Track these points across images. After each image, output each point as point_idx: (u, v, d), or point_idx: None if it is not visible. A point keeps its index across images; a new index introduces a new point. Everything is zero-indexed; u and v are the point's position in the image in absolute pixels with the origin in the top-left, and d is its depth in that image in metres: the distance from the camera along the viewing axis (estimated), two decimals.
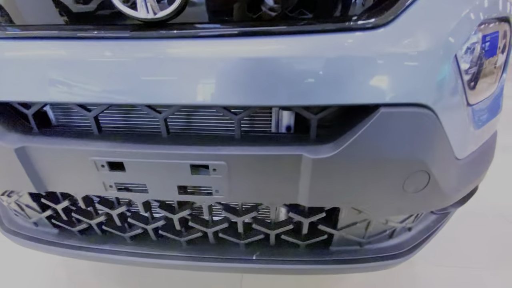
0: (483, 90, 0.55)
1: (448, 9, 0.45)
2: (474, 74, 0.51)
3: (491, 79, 0.57)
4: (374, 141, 0.44)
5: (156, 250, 0.65)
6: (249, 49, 0.42)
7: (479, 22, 0.47)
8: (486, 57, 0.52)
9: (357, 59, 0.42)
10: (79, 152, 0.50)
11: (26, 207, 0.67)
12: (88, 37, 0.47)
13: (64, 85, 0.47)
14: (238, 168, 0.48)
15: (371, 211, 0.51)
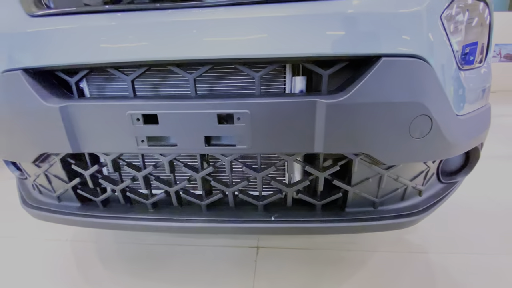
0: (469, 58, 0.64)
1: None
2: (459, 39, 0.60)
3: (474, 50, 0.66)
4: (379, 86, 0.51)
5: (177, 216, 0.68)
6: (276, 10, 0.51)
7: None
8: (464, 27, 0.61)
9: (361, 18, 0.51)
10: (117, 107, 0.56)
11: (54, 177, 0.71)
12: (132, 9, 0.56)
13: (111, 47, 0.55)
14: (260, 116, 0.54)
15: (381, 157, 0.56)
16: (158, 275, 0.90)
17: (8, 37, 0.62)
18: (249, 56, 0.52)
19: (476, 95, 0.67)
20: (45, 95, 0.59)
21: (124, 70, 0.61)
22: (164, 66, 0.59)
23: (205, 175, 0.64)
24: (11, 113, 0.62)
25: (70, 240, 1.12)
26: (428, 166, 0.66)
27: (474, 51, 0.66)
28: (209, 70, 0.58)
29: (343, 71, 0.56)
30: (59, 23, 0.59)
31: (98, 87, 0.68)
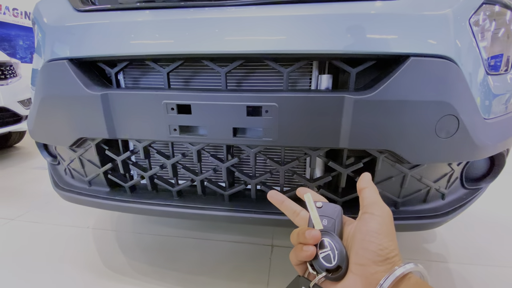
0: (496, 64, 0.64)
1: None
2: (485, 44, 0.61)
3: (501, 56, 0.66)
4: (407, 84, 0.52)
5: (200, 204, 0.70)
6: (309, 9, 0.54)
7: (481, 1, 0.58)
8: (491, 31, 0.61)
9: (392, 18, 0.52)
10: (154, 97, 0.60)
11: (87, 162, 0.75)
12: (171, 6, 0.61)
13: (150, 41, 0.59)
14: (287, 109, 0.56)
15: (406, 155, 0.56)
16: (176, 266, 0.93)
17: (57, 29, 0.67)
18: (282, 52, 0.55)
19: (502, 101, 0.66)
20: (87, 83, 0.64)
21: (161, 64, 0.65)
22: (198, 60, 0.63)
23: (230, 166, 0.67)
24: (55, 99, 0.67)
25: (92, 228, 1.17)
26: (453, 169, 0.66)
27: (500, 57, 0.66)
28: (238, 66, 0.61)
29: (368, 70, 0.58)
30: (104, 18, 0.64)
31: (132, 79, 0.72)
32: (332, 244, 0.36)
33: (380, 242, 0.33)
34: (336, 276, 0.34)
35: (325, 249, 0.36)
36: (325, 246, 0.36)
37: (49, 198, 1.47)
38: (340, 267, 0.34)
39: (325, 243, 0.36)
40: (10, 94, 2.07)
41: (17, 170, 1.96)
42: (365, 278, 0.32)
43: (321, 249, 0.36)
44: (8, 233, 1.14)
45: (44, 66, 0.67)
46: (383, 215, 0.35)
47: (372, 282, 0.32)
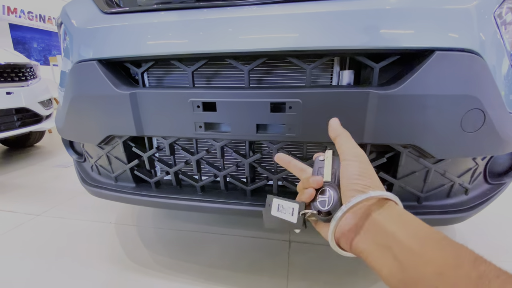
0: None
1: None
2: (510, 36, 0.60)
3: None
4: (432, 78, 0.52)
5: (223, 199, 0.72)
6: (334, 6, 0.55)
7: None
8: None
9: (417, 12, 0.53)
10: (181, 95, 0.62)
11: (115, 159, 0.79)
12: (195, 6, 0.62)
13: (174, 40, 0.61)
14: (311, 105, 0.57)
15: (431, 150, 0.56)
16: (197, 259, 0.96)
17: (85, 31, 0.70)
18: (306, 48, 0.56)
19: None
20: (116, 83, 0.67)
21: (185, 63, 0.67)
22: (222, 58, 0.64)
23: (252, 161, 0.68)
24: (85, 99, 0.70)
25: (114, 223, 1.21)
26: (477, 164, 0.65)
27: None
28: (260, 64, 0.62)
29: (389, 65, 0.58)
30: (130, 20, 0.66)
31: (156, 78, 0.75)
32: (331, 193, 0.40)
33: (361, 182, 0.36)
34: (325, 218, 0.39)
35: (324, 196, 0.40)
36: (325, 193, 0.40)
37: (71, 195, 1.52)
38: (330, 212, 0.39)
39: (326, 191, 0.41)
40: (30, 95, 2.15)
41: (38, 168, 2.04)
42: (352, 212, 0.36)
43: (321, 195, 0.41)
44: (35, 228, 1.20)
45: (74, 67, 0.70)
46: (359, 159, 0.39)
47: (356, 212, 0.36)
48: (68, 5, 0.80)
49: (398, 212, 0.33)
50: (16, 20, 6.25)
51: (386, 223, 0.32)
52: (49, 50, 7.10)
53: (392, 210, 0.34)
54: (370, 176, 0.37)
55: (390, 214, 0.33)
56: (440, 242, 0.28)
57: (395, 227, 0.31)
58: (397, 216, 0.33)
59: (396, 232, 0.30)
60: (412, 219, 0.32)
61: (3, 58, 2.06)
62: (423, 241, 0.28)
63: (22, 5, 6.36)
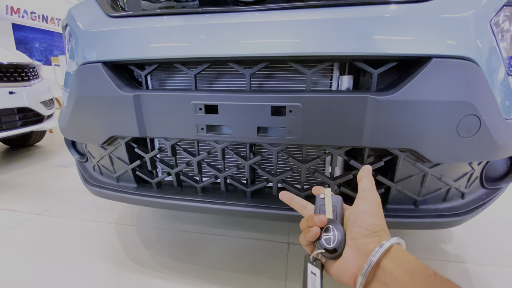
0: None
1: None
2: (506, 46, 0.61)
3: None
4: (429, 84, 0.54)
5: (224, 200, 0.73)
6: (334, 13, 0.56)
7: (502, 3, 0.59)
8: (511, 32, 0.62)
9: (415, 21, 0.54)
10: (183, 98, 0.63)
11: (117, 159, 0.80)
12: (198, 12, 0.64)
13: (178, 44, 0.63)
14: (311, 109, 0.58)
15: (428, 154, 0.58)
16: (196, 260, 0.96)
17: (91, 34, 0.72)
18: (306, 54, 0.57)
19: None
20: (120, 85, 0.68)
21: (188, 66, 0.68)
22: (224, 62, 0.66)
23: (252, 163, 0.70)
24: (89, 100, 0.71)
25: (114, 223, 1.22)
26: (473, 168, 0.67)
27: None
28: (261, 68, 0.64)
29: (388, 71, 0.60)
30: (135, 24, 0.68)
31: (159, 81, 0.76)
32: (335, 231, 0.43)
33: (368, 220, 0.41)
34: (332, 256, 0.42)
35: (329, 234, 0.43)
36: (329, 231, 0.43)
37: (71, 195, 1.53)
38: (336, 250, 0.42)
39: (330, 229, 0.44)
40: (33, 95, 2.16)
41: (39, 168, 2.05)
42: (357, 249, 0.40)
43: (325, 233, 0.44)
44: (35, 227, 1.20)
45: (79, 69, 0.72)
46: (372, 199, 0.43)
47: (362, 251, 0.39)
48: (74, 8, 0.82)
49: (399, 253, 0.37)
50: (19, 20, 6.29)
51: (385, 262, 0.37)
52: (51, 50, 7.13)
53: (394, 252, 0.37)
54: (377, 216, 0.41)
55: (390, 256, 0.37)
56: (430, 277, 0.33)
57: (392, 265, 0.36)
58: (398, 257, 0.37)
59: (393, 269, 0.35)
60: (410, 258, 0.36)
61: (6, 58, 2.08)
62: (415, 276, 0.33)
63: (25, 5, 6.40)
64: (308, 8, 0.58)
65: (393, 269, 0.35)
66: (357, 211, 0.42)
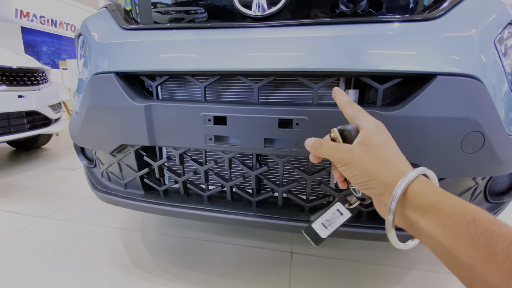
0: None
1: (484, 9, 0.59)
2: (510, 61, 0.63)
3: None
4: (434, 101, 0.55)
5: (230, 209, 0.74)
6: (341, 30, 0.58)
7: (507, 22, 0.60)
8: None
9: (420, 39, 0.56)
10: (193, 109, 0.65)
11: (126, 166, 0.81)
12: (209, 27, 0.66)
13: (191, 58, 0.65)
14: (317, 123, 0.59)
15: (432, 170, 0.58)
16: (199, 267, 0.97)
17: (105, 45, 0.74)
18: (314, 70, 0.59)
19: None
20: (131, 95, 0.70)
21: (199, 78, 0.70)
22: (233, 75, 0.68)
23: (258, 174, 0.71)
24: (101, 109, 0.73)
25: (119, 228, 1.23)
26: (477, 183, 0.67)
27: None
28: (269, 82, 0.66)
29: (394, 87, 0.61)
30: (148, 36, 0.70)
31: (169, 91, 0.78)
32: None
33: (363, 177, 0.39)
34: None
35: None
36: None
37: (77, 199, 1.55)
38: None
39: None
40: (41, 98, 2.21)
41: (45, 171, 2.08)
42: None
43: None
44: (41, 231, 1.22)
45: (92, 79, 0.74)
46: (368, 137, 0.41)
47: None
48: (89, 19, 0.85)
49: (421, 193, 0.34)
50: (28, 24, 6.43)
51: (408, 211, 0.34)
52: (58, 54, 7.26)
53: (414, 192, 0.34)
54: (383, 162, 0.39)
55: (410, 199, 0.34)
56: (469, 227, 0.28)
57: (416, 216, 0.33)
58: (420, 201, 0.34)
59: (419, 221, 0.32)
60: (436, 198, 0.33)
61: (16, 62, 2.13)
62: (450, 230, 0.29)
63: (35, 9, 6.55)
64: (316, 25, 0.60)
65: (419, 220, 0.32)
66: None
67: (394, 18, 0.58)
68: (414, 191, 0.34)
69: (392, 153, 0.40)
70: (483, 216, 0.28)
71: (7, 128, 1.99)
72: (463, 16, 0.57)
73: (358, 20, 0.60)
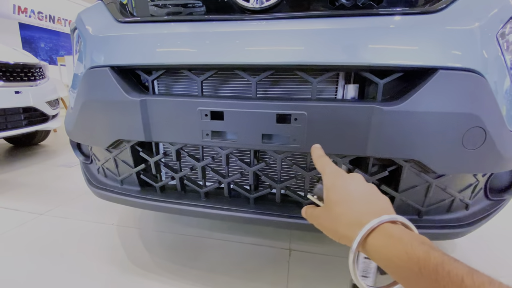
0: None
1: (486, 2, 0.58)
2: None
3: None
4: (435, 96, 0.54)
5: (227, 206, 0.73)
6: (341, 23, 0.57)
7: (510, 16, 0.59)
8: None
9: (421, 33, 0.55)
10: (189, 103, 0.64)
11: (122, 162, 0.80)
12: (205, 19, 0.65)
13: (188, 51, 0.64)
14: (316, 118, 0.58)
15: (433, 165, 0.58)
16: (197, 264, 0.96)
17: (100, 39, 0.73)
18: (313, 63, 0.58)
19: None
20: (127, 89, 0.69)
21: (195, 72, 0.69)
22: (231, 69, 0.66)
23: (256, 170, 0.70)
24: (97, 104, 0.72)
25: (116, 225, 1.22)
26: (477, 180, 0.66)
27: None
28: (267, 76, 0.64)
29: (395, 81, 0.60)
30: (144, 29, 0.69)
31: (166, 86, 0.77)
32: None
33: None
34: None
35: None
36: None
37: (74, 195, 1.54)
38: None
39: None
40: (39, 94, 2.18)
41: (43, 167, 2.06)
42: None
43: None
44: (38, 227, 1.21)
45: (87, 73, 0.73)
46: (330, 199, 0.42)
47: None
48: (83, 12, 0.83)
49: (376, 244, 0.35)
50: (26, 20, 6.37)
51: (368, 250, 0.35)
52: (56, 50, 7.21)
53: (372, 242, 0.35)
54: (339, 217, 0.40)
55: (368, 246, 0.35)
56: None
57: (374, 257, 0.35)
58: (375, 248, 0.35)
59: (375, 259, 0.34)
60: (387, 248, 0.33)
61: (13, 57, 2.10)
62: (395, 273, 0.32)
63: (32, 5, 6.49)
64: (315, 18, 0.59)
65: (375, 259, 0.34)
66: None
67: (395, 11, 0.57)
68: (368, 244, 0.35)
69: (346, 206, 0.39)
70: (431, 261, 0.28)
71: (4, 124, 1.97)
72: (465, 10, 0.56)
73: (358, 13, 0.58)
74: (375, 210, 0.38)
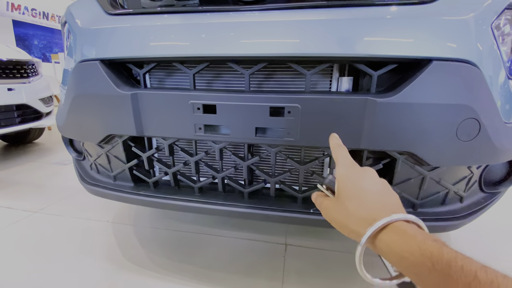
0: None
1: None
2: (507, 49, 0.61)
3: None
4: (429, 87, 0.53)
5: (221, 200, 0.72)
6: (334, 14, 0.56)
7: (504, 6, 0.58)
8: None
9: (415, 23, 0.54)
10: (181, 97, 0.62)
11: (114, 158, 0.79)
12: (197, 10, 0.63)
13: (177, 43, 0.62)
14: (310, 110, 0.58)
15: (427, 157, 0.57)
16: (192, 260, 0.96)
17: (89, 32, 0.71)
18: (306, 55, 0.57)
19: None
20: (117, 83, 0.68)
21: (187, 65, 0.68)
22: (223, 62, 0.65)
23: (250, 164, 0.69)
24: (87, 98, 0.71)
25: (111, 222, 1.21)
26: (472, 172, 0.66)
27: None
28: (260, 68, 0.63)
29: (387, 73, 0.59)
30: (134, 21, 0.67)
31: (158, 79, 0.76)
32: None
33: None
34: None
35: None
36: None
37: (69, 193, 1.52)
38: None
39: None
40: (32, 92, 2.15)
41: (37, 165, 2.04)
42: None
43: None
44: (32, 225, 1.20)
45: (77, 67, 0.71)
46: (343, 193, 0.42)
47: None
48: (73, 5, 0.81)
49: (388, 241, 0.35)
50: (19, 17, 6.27)
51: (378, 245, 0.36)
52: (50, 47, 7.12)
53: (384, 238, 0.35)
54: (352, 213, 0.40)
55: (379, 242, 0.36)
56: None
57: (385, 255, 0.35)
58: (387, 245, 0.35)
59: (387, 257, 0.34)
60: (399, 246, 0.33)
61: (6, 54, 2.07)
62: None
63: (26, 2, 6.39)
64: (308, 9, 0.58)
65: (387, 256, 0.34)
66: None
67: (389, 1, 0.56)
68: (379, 240, 0.36)
69: (358, 202, 0.39)
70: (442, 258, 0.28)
71: None
72: (459, 0, 0.55)
73: (352, 3, 0.57)
74: (387, 207, 0.38)
